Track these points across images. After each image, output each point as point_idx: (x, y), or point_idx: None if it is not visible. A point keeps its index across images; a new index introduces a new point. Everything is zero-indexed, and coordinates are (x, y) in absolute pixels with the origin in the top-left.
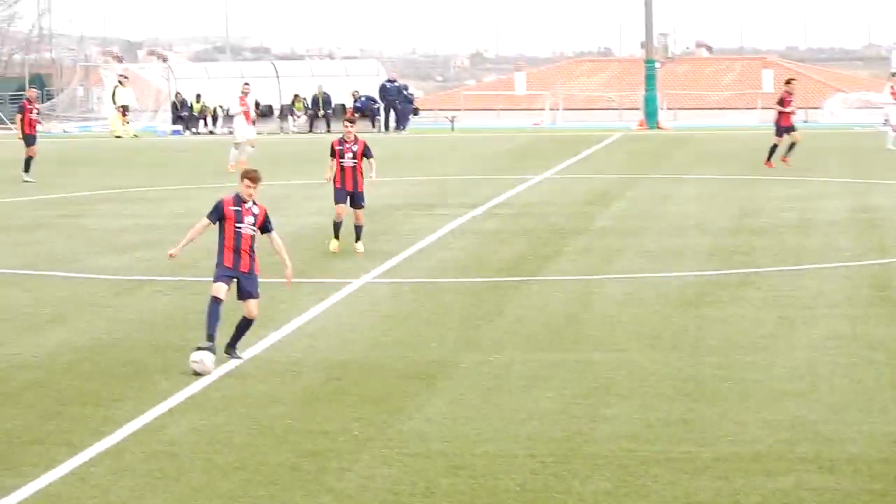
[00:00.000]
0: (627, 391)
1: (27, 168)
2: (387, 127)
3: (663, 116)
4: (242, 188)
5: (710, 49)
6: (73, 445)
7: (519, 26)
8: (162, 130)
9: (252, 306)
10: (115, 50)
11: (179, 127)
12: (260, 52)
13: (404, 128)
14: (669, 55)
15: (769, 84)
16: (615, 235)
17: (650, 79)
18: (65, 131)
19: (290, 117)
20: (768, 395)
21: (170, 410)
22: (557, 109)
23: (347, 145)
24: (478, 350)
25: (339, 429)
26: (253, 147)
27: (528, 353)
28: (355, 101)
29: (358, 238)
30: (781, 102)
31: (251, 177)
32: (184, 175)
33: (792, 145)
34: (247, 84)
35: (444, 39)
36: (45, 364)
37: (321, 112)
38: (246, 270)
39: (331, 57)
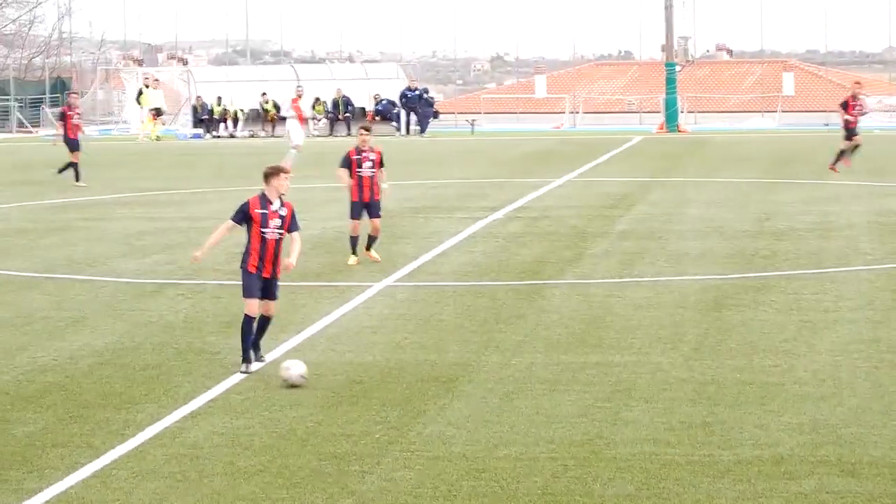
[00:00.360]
0: (649, 394)
1: (62, 170)
2: (407, 130)
3: (683, 119)
4: (278, 183)
5: (730, 52)
6: (95, 448)
7: (539, 30)
8: (182, 134)
9: (271, 307)
10: (136, 53)
11: (200, 130)
12: (280, 56)
13: (424, 131)
14: (690, 58)
15: (790, 87)
16: (636, 239)
17: (670, 82)
18: (84, 134)
19: (310, 121)
20: (790, 398)
21: (191, 413)
22: (577, 112)
23: (365, 154)
24: (499, 353)
25: (361, 431)
26: (299, 151)
27: (550, 357)
28: (376, 104)
29: (370, 247)
30: (845, 107)
31: (280, 171)
32: (205, 178)
33: (842, 152)
34: (300, 87)
35: (465, 43)
36: (66, 367)
37: (341, 115)
38: (268, 276)
39: (351, 60)
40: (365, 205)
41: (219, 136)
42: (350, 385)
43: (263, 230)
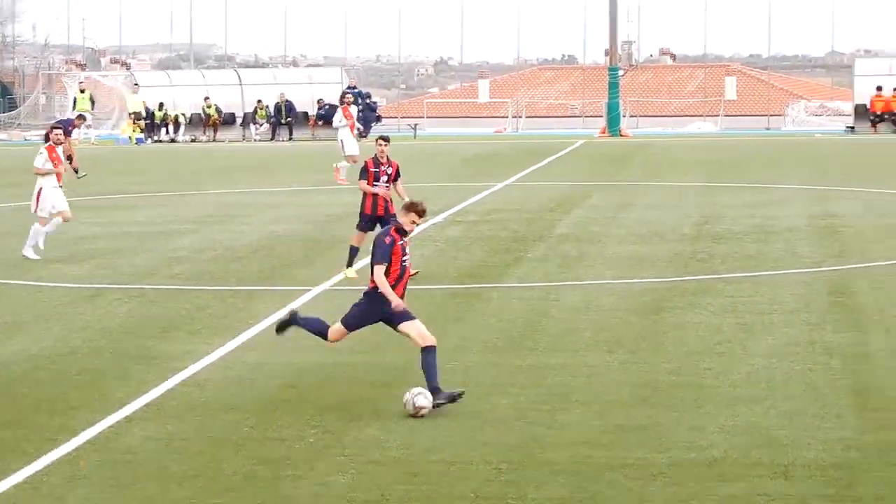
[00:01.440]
0: (585, 397)
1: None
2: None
3: (626, 123)
4: (407, 222)
5: (673, 56)
6: (28, 454)
7: (482, 34)
8: (124, 138)
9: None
10: (79, 58)
11: (142, 135)
12: (223, 60)
13: (366, 135)
14: (633, 63)
15: (732, 91)
16: (575, 242)
17: (613, 86)
18: (26, 139)
19: (252, 125)
20: (725, 400)
21: (126, 418)
22: (520, 117)
23: (383, 167)
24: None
25: (296, 436)
26: (355, 163)
27: (486, 360)
28: (319, 108)
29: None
30: None
31: (422, 212)
32: (147, 183)
33: None
34: (349, 94)
35: (408, 47)
36: (0, 372)
37: (284, 120)
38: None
39: (295, 64)
40: (378, 219)
41: (159, 141)
42: (286, 389)
43: (405, 258)
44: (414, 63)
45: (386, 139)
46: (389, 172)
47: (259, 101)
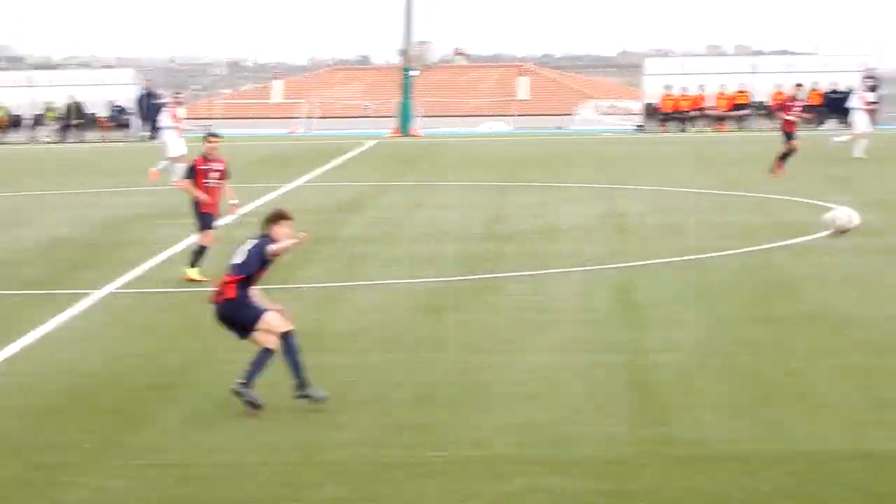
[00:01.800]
0: (366, 397)
1: None
2: (152, 135)
3: (420, 124)
4: (286, 233)
5: (467, 57)
6: None
7: (277, 35)
8: None
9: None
10: None
11: None
12: (14, 61)
13: (157, 137)
14: (427, 63)
15: (525, 91)
16: (365, 242)
17: (406, 87)
18: None
19: (41, 127)
20: (504, 398)
21: None
22: (314, 117)
23: (213, 164)
24: (217, 360)
25: (72, 441)
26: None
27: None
28: (111, 110)
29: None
30: (783, 109)
31: (288, 216)
32: None
33: (788, 153)
34: (178, 93)
35: (202, 48)
36: None
37: (74, 122)
38: None
39: (87, 66)
40: (214, 217)
41: None
42: (64, 394)
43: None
44: (208, 64)
45: (216, 135)
46: (219, 169)
47: (49, 103)
